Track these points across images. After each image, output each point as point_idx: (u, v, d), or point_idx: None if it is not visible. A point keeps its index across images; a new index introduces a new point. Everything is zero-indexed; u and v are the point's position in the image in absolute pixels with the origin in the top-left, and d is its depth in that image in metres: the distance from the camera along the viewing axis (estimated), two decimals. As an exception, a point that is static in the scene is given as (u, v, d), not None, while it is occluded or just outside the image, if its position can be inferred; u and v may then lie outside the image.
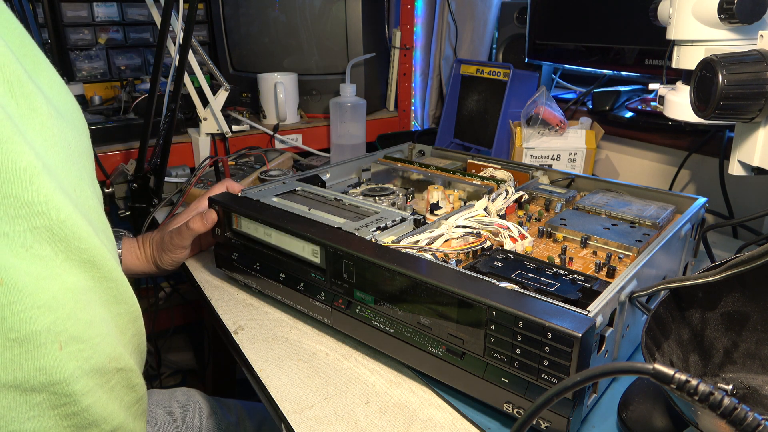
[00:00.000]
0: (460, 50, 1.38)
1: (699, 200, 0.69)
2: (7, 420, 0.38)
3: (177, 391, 0.86)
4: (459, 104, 1.30)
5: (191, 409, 0.83)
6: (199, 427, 0.81)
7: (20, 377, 0.38)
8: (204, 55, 1.13)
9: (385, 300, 0.55)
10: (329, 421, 0.51)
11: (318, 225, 0.63)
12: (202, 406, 0.84)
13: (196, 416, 0.82)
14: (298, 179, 0.80)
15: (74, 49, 1.47)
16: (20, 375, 0.38)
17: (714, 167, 0.94)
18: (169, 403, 0.82)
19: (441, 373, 0.53)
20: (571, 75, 1.34)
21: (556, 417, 0.45)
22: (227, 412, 0.85)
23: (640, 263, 0.53)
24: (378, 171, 0.90)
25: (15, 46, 0.42)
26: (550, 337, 0.43)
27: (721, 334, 0.52)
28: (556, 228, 0.66)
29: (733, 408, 0.26)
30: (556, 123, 1.01)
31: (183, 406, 0.83)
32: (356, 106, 1.24)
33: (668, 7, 0.64)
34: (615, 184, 0.78)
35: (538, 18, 1.16)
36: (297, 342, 0.63)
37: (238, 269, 0.72)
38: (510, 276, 0.53)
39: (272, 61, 1.40)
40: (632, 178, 1.12)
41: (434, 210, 0.75)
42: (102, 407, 0.45)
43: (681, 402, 0.38)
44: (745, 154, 0.57)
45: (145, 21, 1.54)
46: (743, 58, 0.50)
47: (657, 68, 0.95)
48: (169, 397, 0.84)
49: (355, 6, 1.33)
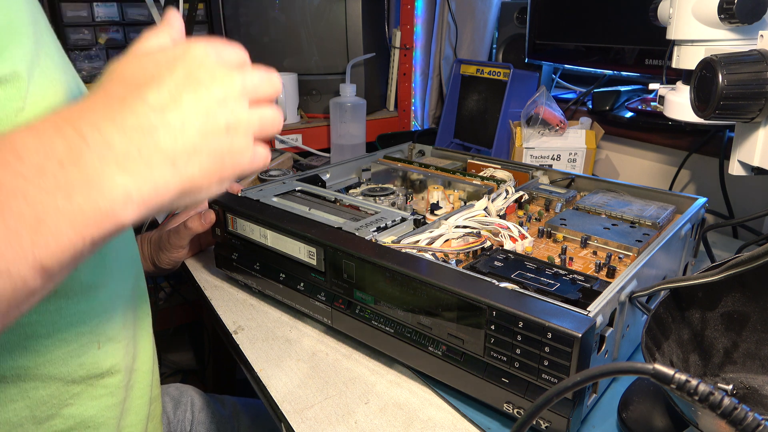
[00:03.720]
0: (460, 50, 1.38)
1: (699, 200, 0.69)
2: (49, 405, 0.42)
3: (170, 386, 0.85)
4: (459, 104, 1.30)
5: (183, 403, 0.82)
6: (191, 421, 0.81)
7: (64, 371, 0.42)
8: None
9: (385, 300, 0.55)
10: (329, 421, 0.51)
11: (318, 225, 0.63)
12: (195, 401, 0.83)
13: (188, 410, 0.82)
14: (298, 179, 0.80)
15: (74, 49, 1.47)
16: (64, 370, 0.43)
17: (714, 167, 0.94)
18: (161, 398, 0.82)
19: (441, 373, 0.53)
20: (571, 75, 1.34)
21: (556, 417, 0.45)
22: (221, 406, 0.85)
23: (640, 263, 0.53)
24: (378, 171, 0.90)
25: None
26: (550, 337, 0.43)
27: (721, 334, 0.52)
28: (556, 228, 0.66)
29: (733, 408, 0.26)
30: (556, 123, 1.01)
31: (175, 400, 0.82)
32: (356, 106, 1.24)
33: (668, 7, 0.64)
34: (615, 184, 0.78)
35: (538, 18, 1.16)
36: (297, 342, 0.63)
37: (238, 269, 0.72)
38: (510, 276, 0.53)
39: (272, 61, 1.40)
40: (632, 178, 1.12)
41: (434, 210, 0.75)
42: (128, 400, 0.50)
43: (681, 402, 0.38)
44: (745, 154, 0.57)
45: (145, 21, 1.54)
46: (743, 58, 0.50)
47: (657, 68, 0.94)
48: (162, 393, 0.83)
49: (355, 6, 1.33)
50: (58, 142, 0.28)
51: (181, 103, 0.32)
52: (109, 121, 0.30)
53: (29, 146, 0.27)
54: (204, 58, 0.34)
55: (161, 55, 0.34)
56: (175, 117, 0.32)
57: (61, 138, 0.28)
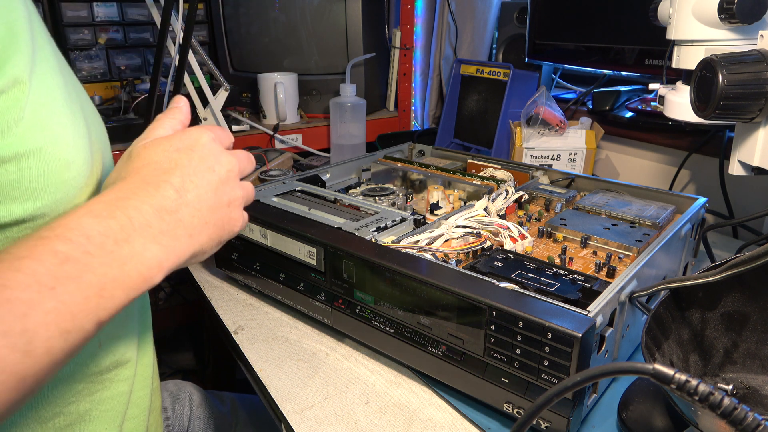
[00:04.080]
0: (460, 50, 1.38)
1: (699, 200, 0.69)
2: (53, 404, 0.43)
3: (168, 383, 0.85)
4: (459, 104, 1.30)
5: (181, 399, 0.82)
6: (189, 416, 0.81)
7: (66, 372, 0.44)
8: (204, 55, 1.13)
9: (385, 300, 0.55)
10: (329, 421, 0.51)
11: (318, 225, 0.63)
12: (193, 396, 0.83)
13: (186, 405, 0.82)
14: (298, 179, 0.80)
15: (74, 49, 1.47)
16: (66, 370, 0.44)
17: (714, 167, 0.94)
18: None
19: (441, 373, 0.53)
20: (571, 75, 1.34)
21: (556, 417, 0.45)
22: (219, 402, 0.85)
23: (640, 263, 0.53)
24: (378, 171, 0.90)
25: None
26: (550, 337, 0.43)
27: (721, 334, 0.52)
28: (556, 228, 0.66)
29: (733, 408, 0.26)
30: (556, 123, 1.01)
31: (173, 396, 0.82)
32: (356, 106, 1.24)
33: (668, 7, 0.64)
34: (615, 184, 0.78)
35: (538, 18, 1.16)
36: (297, 342, 0.63)
37: (238, 269, 0.72)
38: (510, 276, 0.53)
39: (272, 61, 1.40)
40: (632, 178, 1.12)
41: (434, 210, 0.75)
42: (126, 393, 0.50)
43: (681, 402, 0.38)
44: (745, 154, 0.57)
45: (145, 21, 1.54)
46: (743, 58, 0.50)
47: (657, 68, 0.94)
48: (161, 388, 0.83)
49: (355, 6, 1.33)
50: (113, 224, 0.35)
51: (198, 185, 0.40)
52: (147, 205, 0.37)
53: (93, 228, 0.34)
54: (211, 145, 0.42)
55: (178, 142, 0.41)
56: (193, 197, 0.40)
57: (115, 220, 0.35)
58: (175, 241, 0.38)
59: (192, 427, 0.80)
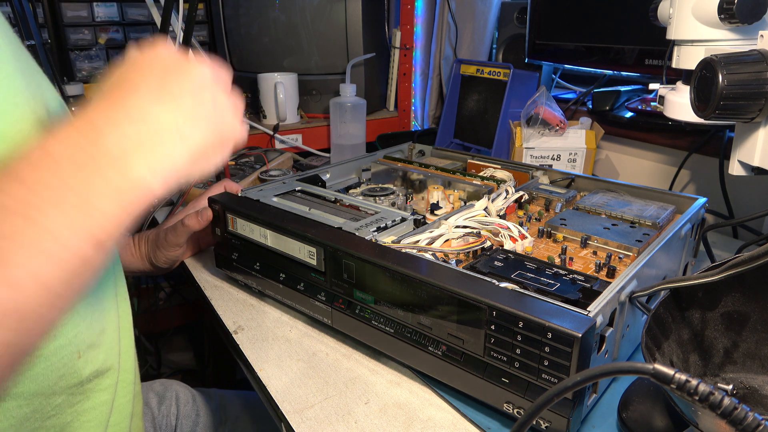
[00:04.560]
0: (460, 50, 1.38)
1: (699, 200, 0.69)
2: (32, 420, 0.42)
3: (155, 382, 0.85)
4: (459, 104, 1.30)
5: (168, 398, 0.82)
6: (176, 415, 0.81)
7: (45, 386, 0.42)
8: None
9: (385, 300, 0.55)
10: (329, 421, 0.51)
11: (318, 225, 0.63)
12: (179, 395, 0.83)
13: (173, 404, 0.81)
14: (298, 179, 0.80)
15: (74, 49, 1.47)
16: (45, 384, 0.42)
17: (714, 167, 0.94)
18: (145, 395, 0.82)
19: (441, 373, 0.53)
20: (571, 75, 1.34)
21: (556, 417, 0.45)
22: (207, 399, 0.85)
23: (640, 263, 0.53)
24: (378, 171, 0.90)
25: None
26: (551, 337, 0.43)
27: (721, 334, 0.52)
28: (556, 228, 0.66)
29: (733, 408, 0.26)
30: (556, 123, 1.01)
31: (159, 395, 0.82)
32: (356, 106, 1.24)
33: (668, 7, 0.64)
34: (615, 184, 0.78)
35: (538, 18, 1.16)
36: (297, 342, 0.63)
37: (238, 269, 0.72)
38: (510, 276, 0.53)
39: (272, 61, 1.40)
40: (632, 178, 1.12)
41: (434, 210, 0.75)
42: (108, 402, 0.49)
43: (681, 402, 0.38)
44: (745, 154, 0.57)
45: (145, 21, 1.54)
46: (743, 58, 0.50)
47: (657, 68, 0.94)
48: (147, 389, 0.83)
49: (355, 6, 1.33)
50: (81, 139, 0.33)
51: (170, 90, 0.38)
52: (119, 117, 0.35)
53: (59, 146, 0.33)
54: (175, 57, 0.40)
55: (139, 61, 0.39)
56: (168, 100, 0.37)
57: (84, 136, 0.34)
58: (162, 146, 0.36)
59: (180, 425, 0.80)
